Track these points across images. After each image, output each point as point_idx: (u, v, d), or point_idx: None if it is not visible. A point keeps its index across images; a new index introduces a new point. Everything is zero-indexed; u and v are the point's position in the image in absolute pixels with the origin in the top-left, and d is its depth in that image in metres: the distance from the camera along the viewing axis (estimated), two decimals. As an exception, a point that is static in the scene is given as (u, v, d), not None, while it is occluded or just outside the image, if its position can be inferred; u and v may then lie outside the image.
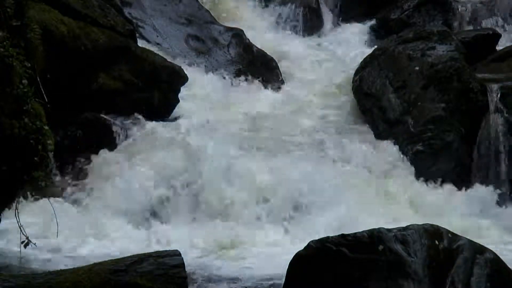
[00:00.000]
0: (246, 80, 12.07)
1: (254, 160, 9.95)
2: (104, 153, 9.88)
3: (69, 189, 9.59)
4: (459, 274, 5.72)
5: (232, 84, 11.89)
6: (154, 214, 9.32)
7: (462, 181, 10.32)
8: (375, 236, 5.76)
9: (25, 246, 6.30)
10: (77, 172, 9.76)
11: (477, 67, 11.68)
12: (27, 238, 6.25)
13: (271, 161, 9.98)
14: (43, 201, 8.67)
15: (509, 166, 10.37)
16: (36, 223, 8.24)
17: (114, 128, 10.13)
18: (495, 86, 10.71)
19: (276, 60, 12.62)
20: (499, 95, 10.61)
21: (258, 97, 11.66)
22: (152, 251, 6.17)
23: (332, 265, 5.75)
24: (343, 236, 5.86)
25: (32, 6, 7.34)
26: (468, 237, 6.08)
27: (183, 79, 10.99)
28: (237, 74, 12.14)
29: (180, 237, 8.78)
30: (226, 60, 12.35)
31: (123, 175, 9.64)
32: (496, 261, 5.93)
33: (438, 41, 11.29)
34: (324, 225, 8.93)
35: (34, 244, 6.31)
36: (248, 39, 12.75)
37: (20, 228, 6.29)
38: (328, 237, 5.91)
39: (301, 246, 6.13)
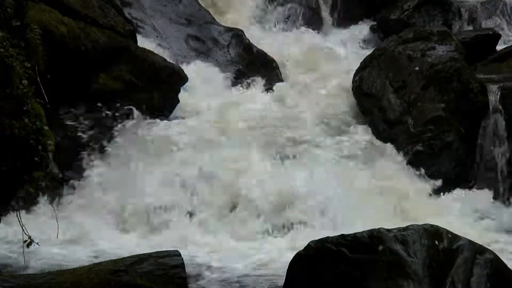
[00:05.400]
0: (246, 80, 12.06)
1: (255, 161, 9.97)
2: (104, 153, 9.89)
3: (69, 189, 9.60)
4: (459, 274, 5.72)
5: (232, 85, 11.89)
6: (156, 215, 9.33)
7: (462, 181, 10.33)
8: (375, 237, 5.76)
9: (27, 246, 6.31)
10: (77, 173, 9.76)
11: (477, 67, 11.68)
12: (30, 237, 6.25)
13: (269, 163, 9.99)
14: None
15: (509, 167, 10.37)
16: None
17: (114, 129, 10.13)
18: (495, 87, 10.71)
19: (276, 60, 12.61)
20: (499, 96, 10.61)
21: (258, 98, 11.65)
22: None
23: (332, 265, 5.75)
24: (343, 236, 5.86)
25: (32, 7, 7.35)
26: (467, 237, 6.08)
27: (183, 79, 10.99)
28: (237, 74, 12.14)
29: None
30: (226, 61, 12.34)
31: (123, 175, 9.65)
32: (496, 261, 5.93)
33: (438, 41, 11.29)
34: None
35: (37, 243, 6.31)
36: (248, 39, 12.75)
37: (22, 228, 6.29)
38: (328, 237, 5.91)
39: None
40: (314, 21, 14.66)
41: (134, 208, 9.26)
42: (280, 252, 8.27)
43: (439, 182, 10.19)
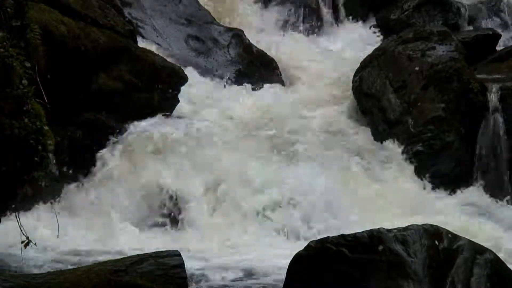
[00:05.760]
0: (246, 80, 12.05)
1: (254, 161, 9.97)
2: (103, 153, 9.89)
3: (68, 189, 9.61)
4: (459, 274, 5.72)
5: (232, 85, 11.88)
6: (156, 215, 9.35)
7: (462, 181, 10.33)
8: (375, 237, 5.76)
9: (25, 246, 6.30)
10: (76, 173, 9.77)
11: (477, 67, 11.68)
12: (27, 238, 6.25)
13: (269, 162, 9.99)
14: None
15: (508, 166, 10.37)
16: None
17: (114, 129, 10.13)
18: (495, 87, 10.71)
19: (276, 60, 12.61)
20: (499, 96, 10.61)
21: (257, 98, 11.64)
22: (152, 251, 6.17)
23: (332, 265, 5.75)
24: (343, 236, 5.86)
25: (32, 6, 7.33)
26: (467, 238, 6.08)
27: (183, 79, 10.98)
28: (237, 74, 12.13)
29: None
30: (226, 61, 12.34)
31: (122, 176, 9.65)
32: (496, 261, 5.93)
33: (438, 42, 11.29)
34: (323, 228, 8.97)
35: (35, 244, 6.30)
36: (248, 40, 12.75)
37: (20, 228, 6.29)
38: (328, 237, 5.91)
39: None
40: (314, 21, 14.65)
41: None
42: (279, 253, 8.27)
43: (439, 182, 10.20)
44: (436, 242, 5.81)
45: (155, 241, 8.72)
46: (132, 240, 8.72)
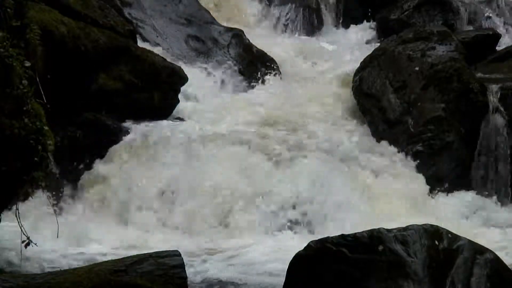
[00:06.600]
0: (245, 80, 12.06)
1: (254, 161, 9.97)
2: (104, 153, 9.90)
3: (68, 190, 9.61)
4: (459, 274, 5.72)
5: (231, 85, 11.88)
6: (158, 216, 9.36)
7: (462, 181, 10.33)
8: (375, 237, 5.76)
9: (25, 246, 6.31)
10: (76, 173, 9.77)
11: (477, 67, 11.68)
12: (28, 238, 6.25)
13: (269, 163, 10.00)
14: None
15: (509, 167, 10.37)
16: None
17: (114, 129, 10.13)
18: (495, 87, 10.71)
19: (276, 60, 12.61)
20: (499, 96, 10.61)
21: (257, 98, 11.64)
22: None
23: (332, 265, 5.75)
24: (343, 236, 5.86)
25: (32, 6, 7.35)
26: (467, 238, 6.08)
27: (183, 79, 10.99)
28: (237, 74, 12.13)
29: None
30: (226, 61, 12.34)
31: (122, 176, 9.66)
32: (496, 261, 5.94)
33: (438, 41, 11.29)
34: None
35: (35, 244, 6.31)
36: (248, 40, 12.75)
37: (21, 228, 6.30)
38: (328, 237, 5.91)
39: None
40: (314, 21, 14.66)
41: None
42: (280, 253, 8.28)
43: (439, 182, 10.19)
44: (436, 242, 5.81)
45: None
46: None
